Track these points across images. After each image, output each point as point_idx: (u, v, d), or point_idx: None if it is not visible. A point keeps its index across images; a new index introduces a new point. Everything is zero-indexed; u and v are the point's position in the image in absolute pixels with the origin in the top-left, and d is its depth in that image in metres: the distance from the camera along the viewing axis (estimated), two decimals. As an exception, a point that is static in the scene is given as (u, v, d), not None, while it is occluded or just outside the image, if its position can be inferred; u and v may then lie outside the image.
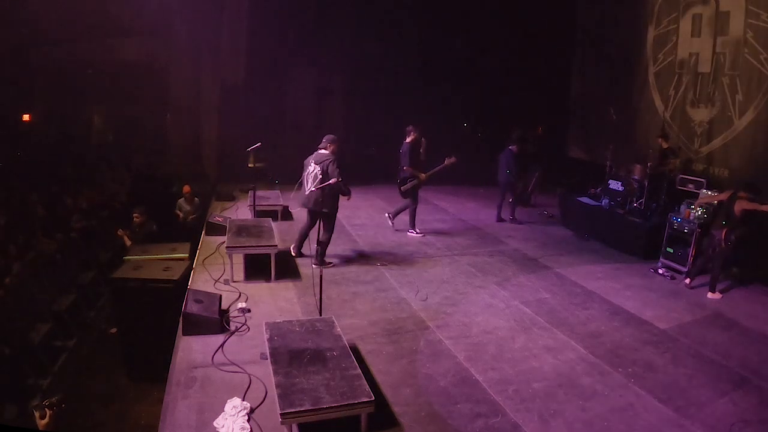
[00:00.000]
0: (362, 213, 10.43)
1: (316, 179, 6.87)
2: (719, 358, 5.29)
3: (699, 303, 6.70)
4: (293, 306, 6.06)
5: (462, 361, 5.02)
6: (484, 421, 4.15)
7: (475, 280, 7.14)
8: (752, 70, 8.28)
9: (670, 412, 4.35)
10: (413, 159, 8.68)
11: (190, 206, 9.05)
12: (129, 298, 6.40)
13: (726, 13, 8.76)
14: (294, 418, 3.58)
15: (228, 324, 5.42)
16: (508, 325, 5.84)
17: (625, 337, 5.65)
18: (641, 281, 7.38)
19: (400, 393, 4.46)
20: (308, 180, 7.02)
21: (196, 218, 9.14)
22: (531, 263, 7.92)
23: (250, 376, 4.52)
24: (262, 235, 6.95)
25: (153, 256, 7.24)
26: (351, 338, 5.13)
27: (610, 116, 10.30)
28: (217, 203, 10.55)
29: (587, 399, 4.50)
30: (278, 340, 4.41)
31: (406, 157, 8.67)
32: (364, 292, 6.54)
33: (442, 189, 12.45)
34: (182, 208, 9.11)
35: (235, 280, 6.58)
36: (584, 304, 6.50)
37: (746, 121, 8.44)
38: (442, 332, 5.59)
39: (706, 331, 5.89)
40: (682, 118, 9.69)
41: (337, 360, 4.15)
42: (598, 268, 7.84)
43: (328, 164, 6.89)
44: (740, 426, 4.21)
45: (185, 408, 4.10)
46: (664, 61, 10.15)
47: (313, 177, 6.95)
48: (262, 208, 9.05)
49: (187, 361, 4.78)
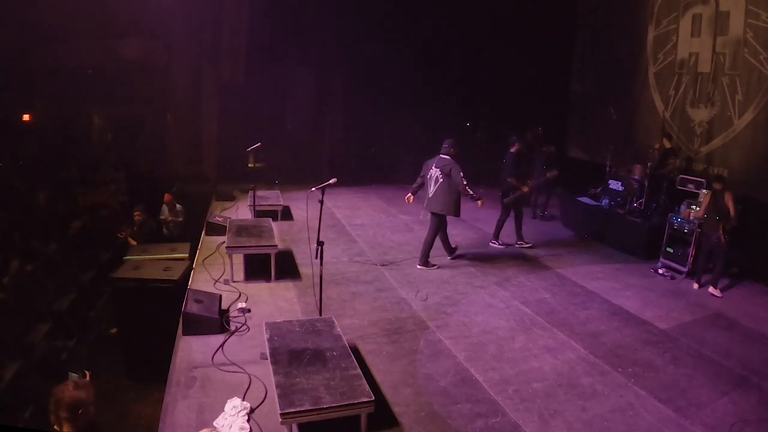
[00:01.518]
0: (362, 213, 10.43)
1: (437, 183, 7.24)
2: (719, 358, 5.29)
3: (699, 303, 6.70)
4: (293, 306, 6.06)
5: (462, 361, 5.02)
6: (484, 421, 4.15)
7: (475, 280, 7.14)
8: (752, 70, 8.28)
9: (670, 412, 4.35)
10: (516, 170, 8.51)
11: (171, 213, 9.04)
12: (129, 298, 6.41)
13: (726, 13, 8.75)
14: (294, 418, 3.58)
15: (228, 324, 5.42)
16: (508, 325, 5.85)
17: (625, 337, 5.65)
18: (641, 281, 7.38)
19: (400, 393, 4.46)
20: (430, 184, 7.35)
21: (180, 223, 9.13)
22: (531, 263, 7.92)
23: (250, 376, 4.52)
24: (262, 235, 6.96)
25: (153, 256, 7.25)
26: (351, 338, 5.14)
27: (610, 116, 10.30)
28: (217, 203, 10.55)
29: (587, 399, 4.50)
30: (278, 340, 4.41)
31: (509, 167, 8.51)
32: (364, 292, 6.54)
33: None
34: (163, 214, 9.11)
35: (235, 280, 6.58)
36: (584, 304, 6.50)
37: (746, 121, 8.43)
38: (442, 332, 5.59)
39: (706, 331, 5.89)
40: (682, 118, 9.69)
41: (337, 360, 4.15)
42: (598, 268, 7.84)
43: (450, 168, 7.14)
44: (740, 426, 4.21)
45: (185, 408, 4.10)
46: (664, 61, 10.15)
47: (434, 180, 7.28)
48: (262, 208, 9.05)
49: (187, 361, 4.78)
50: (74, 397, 2.94)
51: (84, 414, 2.94)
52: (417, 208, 11.09)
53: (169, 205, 9.09)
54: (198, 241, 8.18)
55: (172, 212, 9.07)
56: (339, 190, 10.28)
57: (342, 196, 11.29)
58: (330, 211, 10.22)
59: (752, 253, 7.60)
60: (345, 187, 11.21)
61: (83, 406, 2.94)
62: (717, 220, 6.82)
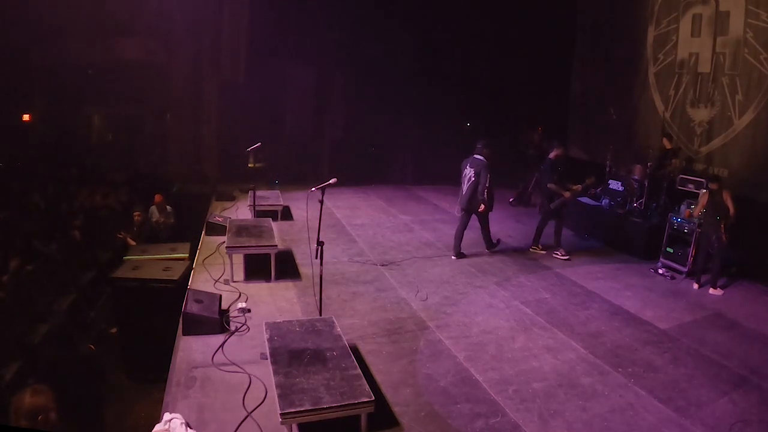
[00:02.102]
0: (362, 213, 10.43)
1: (470, 182, 7.66)
2: (719, 358, 5.29)
3: (699, 303, 6.71)
4: (293, 306, 6.06)
5: (462, 361, 5.02)
6: (484, 421, 4.15)
7: (475, 280, 7.14)
8: (752, 70, 8.28)
9: (670, 412, 4.35)
10: (556, 175, 8.25)
11: (161, 214, 9.01)
12: (129, 298, 6.40)
13: (726, 13, 8.76)
14: (294, 418, 3.58)
15: (228, 324, 5.43)
16: (508, 325, 5.85)
17: (625, 337, 5.65)
18: (641, 281, 7.38)
19: (400, 393, 4.46)
20: (464, 182, 7.77)
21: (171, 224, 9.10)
22: (531, 263, 7.92)
23: (250, 376, 4.52)
24: (262, 235, 6.96)
25: (153, 256, 7.24)
26: (351, 338, 5.14)
27: (610, 116, 10.30)
28: (217, 203, 10.55)
29: (587, 399, 4.50)
30: (278, 340, 4.41)
31: (548, 173, 8.33)
32: (364, 292, 6.54)
33: (442, 189, 12.46)
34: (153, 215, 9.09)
35: (235, 280, 6.58)
36: (584, 304, 6.50)
37: (746, 121, 8.44)
38: (442, 332, 5.59)
39: (706, 331, 5.89)
40: (682, 118, 9.69)
41: (337, 360, 4.15)
42: (598, 268, 7.84)
43: (481, 168, 7.54)
44: (740, 426, 4.21)
45: (185, 408, 4.10)
46: (664, 61, 10.15)
47: (467, 180, 7.71)
48: (262, 208, 9.05)
49: (187, 361, 4.78)
50: (33, 404, 2.89)
51: (44, 420, 2.89)
52: (417, 208, 11.15)
53: (159, 206, 9.02)
54: (198, 241, 8.18)
55: (163, 213, 9.02)
56: (339, 190, 10.29)
57: (342, 196, 11.30)
58: (330, 211, 10.22)
59: (752, 253, 7.60)
60: (345, 187, 11.22)
61: (43, 412, 2.90)
62: (717, 220, 6.82)
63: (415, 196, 12.24)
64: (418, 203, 11.59)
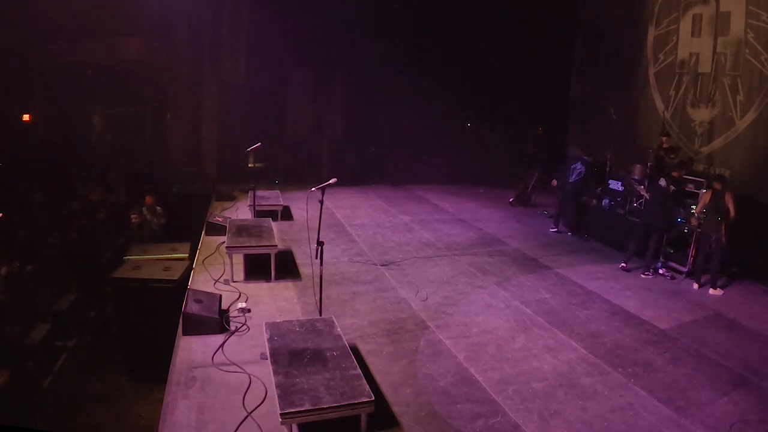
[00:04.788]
0: (362, 213, 10.43)
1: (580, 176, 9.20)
2: (719, 358, 5.29)
3: (699, 303, 6.70)
4: (293, 306, 6.06)
5: (462, 361, 5.02)
6: (484, 421, 4.15)
7: (475, 280, 7.14)
8: (753, 70, 8.28)
9: (670, 412, 4.35)
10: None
11: (152, 215, 9.01)
12: (129, 298, 6.41)
13: (726, 13, 8.76)
14: (294, 418, 3.58)
15: (228, 324, 5.42)
16: (508, 325, 5.84)
17: (625, 337, 5.65)
18: (641, 281, 7.39)
19: (400, 393, 4.46)
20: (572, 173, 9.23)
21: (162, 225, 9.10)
22: (531, 263, 7.92)
23: (250, 376, 4.51)
24: (262, 235, 6.96)
25: (153, 256, 7.25)
26: (351, 338, 5.14)
27: (610, 116, 10.29)
28: (217, 203, 10.55)
29: (587, 399, 4.50)
30: (278, 340, 4.41)
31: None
32: (364, 292, 6.54)
33: (442, 189, 12.47)
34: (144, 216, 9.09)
35: (235, 280, 6.58)
36: (584, 304, 6.50)
37: (747, 122, 8.44)
38: (442, 332, 5.59)
39: (706, 331, 5.89)
40: (683, 119, 9.69)
41: (337, 360, 4.15)
42: (598, 268, 7.84)
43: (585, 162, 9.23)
44: (740, 426, 4.21)
45: (185, 408, 4.10)
46: (665, 61, 10.15)
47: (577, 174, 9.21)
48: (262, 208, 9.04)
49: (187, 361, 4.78)
50: None
51: None
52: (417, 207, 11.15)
53: (150, 208, 9.00)
54: (198, 241, 8.18)
55: (153, 215, 9.01)
56: (339, 190, 10.28)
57: (342, 196, 11.29)
58: (330, 211, 10.21)
59: (752, 253, 7.60)
60: (345, 187, 11.21)
61: None
62: (719, 220, 6.81)
63: (415, 196, 12.23)
64: (418, 203, 11.58)
